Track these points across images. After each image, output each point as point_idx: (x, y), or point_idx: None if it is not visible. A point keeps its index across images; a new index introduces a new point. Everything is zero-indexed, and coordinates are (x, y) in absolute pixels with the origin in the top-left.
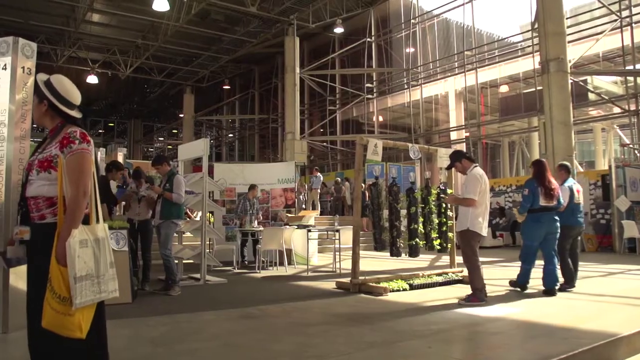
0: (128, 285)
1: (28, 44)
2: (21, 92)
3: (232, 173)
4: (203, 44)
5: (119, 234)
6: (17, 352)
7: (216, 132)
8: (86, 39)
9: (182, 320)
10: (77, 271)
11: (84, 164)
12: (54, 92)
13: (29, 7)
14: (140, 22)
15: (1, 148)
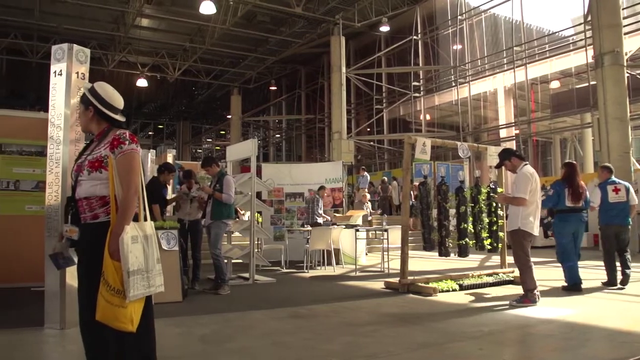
0: (179, 284)
1: (82, 50)
2: (76, 96)
3: (280, 173)
4: (249, 46)
5: (170, 233)
6: (73, 346)
7: (263, 132)
8: (136, 44)
9: (232, 319)
10: (130, 265)
11: (133, 164)
12: (99, 98)
13: (82, 15)
14: (187, 26)
15: (57, 151)
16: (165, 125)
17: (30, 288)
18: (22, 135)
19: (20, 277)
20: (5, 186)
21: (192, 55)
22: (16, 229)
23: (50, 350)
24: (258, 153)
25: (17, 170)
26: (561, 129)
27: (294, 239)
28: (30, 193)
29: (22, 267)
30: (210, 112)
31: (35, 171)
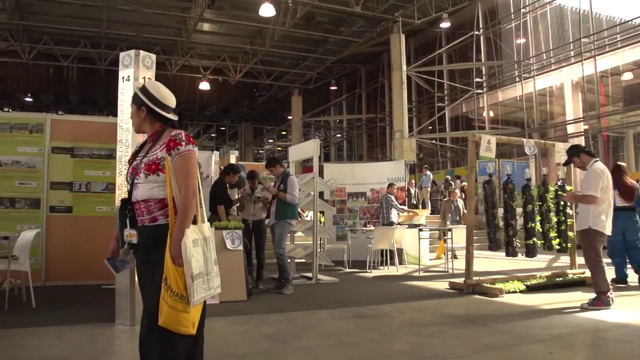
0: (243, 283)
1: (148, 56)
2: None
3: (342, 173)
4: (309, 46)
5: (234, 233)
6: None
7: (324, 132)
8: (197, 48)
9: (296, 318)
10: (193, 270)
11: (190, 165)
12: (151, 97)
13: (146, 22)
14: (247, 29)
15: (126, 153)
16: (227, 127)
17: (101, 286)
18: (93, 139)
19: (91, 275)
20: (77, 188)
21: (252, 57)
22: (88, 228)
23: (122, 345)
24: (319, 153)
25: (88, 172)
26: (634, 123)
27: (356, 238)
28: (101, 194)
29: (94, 265)
30: (271, 113)
31: (105, 173)
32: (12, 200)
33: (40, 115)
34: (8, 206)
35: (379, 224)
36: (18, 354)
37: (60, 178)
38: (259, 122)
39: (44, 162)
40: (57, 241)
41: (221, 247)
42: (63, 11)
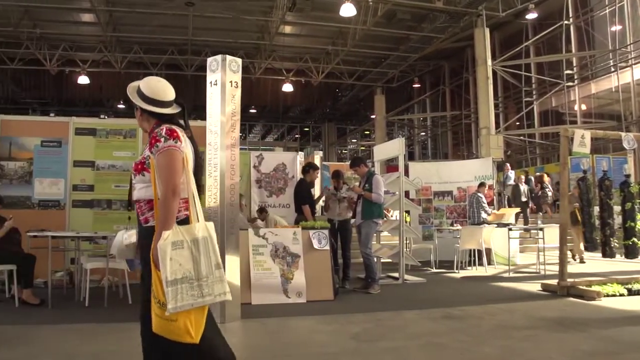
0: (330, 283)
1: (234, 60)
2: (230, 104)
3: (427, 172)
4: (391, 45)
5: (321, 233)
6: (234, 339)
7: (408, 131)
8: (280, 50)
9: (384, 318)
10: (169, 274)
11: (172, 162)
12: (142, 95)
13: (229, 28)
14: (329, 29)
15: (215, 156)
16: (311, 127)
17: None
18: None
19: None
20: None
21: (334, 58)
22: None
23: None
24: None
25: None
26: None
27: (443, 238)
28: None
29: None
30: (354, 112)
31: None
32: (109, 202)
33: (133, 121)
34: (105, 208)
35: (466, 223)
36: (125, 345)
37: None
38: (342, 122)
39: None
40: None
41: (308, 246)
42: (152, 21)
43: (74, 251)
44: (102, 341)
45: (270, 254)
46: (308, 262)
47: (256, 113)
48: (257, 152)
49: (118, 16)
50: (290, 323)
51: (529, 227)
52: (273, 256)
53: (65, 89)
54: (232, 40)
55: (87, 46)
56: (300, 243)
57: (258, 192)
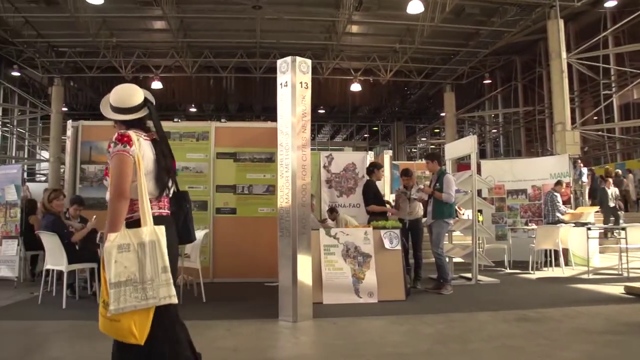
0: (402, 283)
1: (304, 61)
2: (300, 105)
3: (500, 170)
4: (460, 40)
5: (392, 233)
6: (306, 338)
7: (479, 128)
8: (347, 50)
9: (457, 319)
10: (113, 276)
11: (119, 166)
12: (111, 105)
13: (297, 29)
14: (396, 27)
15: (286, 156)
16: (379, 126)
17: (264, 283)
18: (253, 144)
19: (254, 273)
20: (240, 190)
21: (402, 56)
22: (251, 229)
23: (286, 340)
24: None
25: (250, 175)
26: None
27: (517, 238)
28: (262, 196)
29: (256, 264)
30: (423, 111)
31: (265, 176)
32: None
33: (205, 124)
34: None
35: (542, 223)
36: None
37: (225, 181)
38: (411, 120)
39: (210, 167)
40: (222, 241)
41: (379, 246)
42: (221, 26)
43: None
44: None
45: (341, 254)
46: (379, 262)
47: (325, 113)
48: (326, 152)
49: (188, 22)
50: (362, 323)
51: (611, 226)
52: (344, 256)
53: None
54: (299, 41)
55: (160, 52)
56: (372, 243)
57: (328, 192)
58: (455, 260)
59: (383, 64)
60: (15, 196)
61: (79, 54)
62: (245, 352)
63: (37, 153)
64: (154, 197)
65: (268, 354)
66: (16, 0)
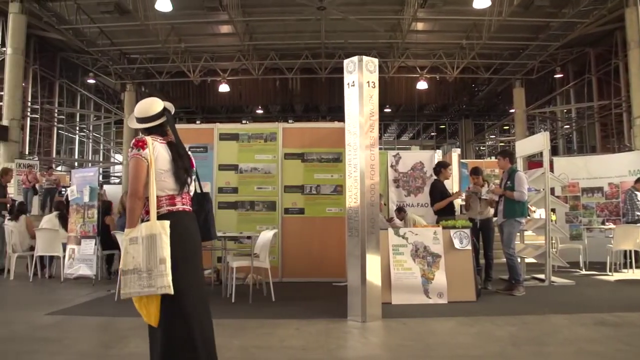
0: (472, 284)
1: (371, 60)
2: (368, 104)
3: (574, 167)
4: (529, 34)
5: (462, 233)
6: (375, 338)
7: (550, 124)
8: (413, 48)
9: (530, 322)
10: (123, 265)
11: (133, 168)
12: (136, 117)
13: (361, 28)
14: (462, 23)
15: (355, 156)
16: (447, 124)
17: (332, 283)
18: (321, 145)
19: (322, 273)
20: (308, 191)
21: (469, 52)
22: (319, 229)
23: (355, 340)
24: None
25: (318, 176)
26: None
27: (593, 237)
28: (330, 196)
29: (324, 264)
30: (492, 107)
31: (333, 176)
32: (252, 204)
33: (273, 125)
34: (249, 209)
35: (620, 222)
36: (271, 341)
37: (293, 182)
38: (479, 117)
39: (278, 168)
40: (291, 241)
41: (449, 246)
42: (286, 28)
43: (221, 250)
44: (249, 336)
45: (410, 254)
46: (449, 262)
47: (391, 112)
48: (394, 151)
49: (254, 25)
50: (431, 324)
51: None
52: (413, 256)
53: (208, 98)
54: (364, 40)
55: (227, 56)
56: (441, 242)
57: (396, 192)
58: (527, 261)
59: (449, 61)
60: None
61: (149, 60)
62: (315, 352)
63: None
64: (176, 193)
65: (337, 354)
66: (91, 12)
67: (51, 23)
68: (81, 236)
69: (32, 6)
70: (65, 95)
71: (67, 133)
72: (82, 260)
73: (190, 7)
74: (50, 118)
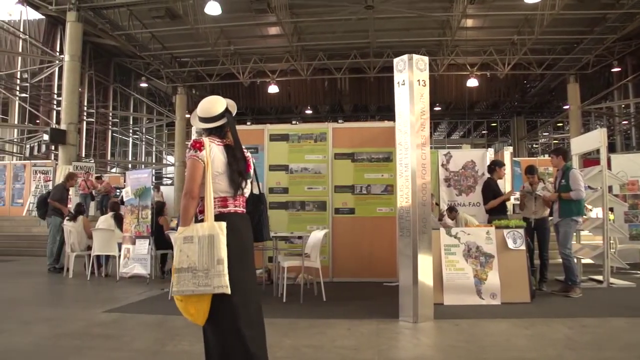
0: (526, 285)
1: (421, 59)
2: (419, 103)
3: (634, 164)
4: (584, 27)
5: (516, 232)
6: (427, 339)
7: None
8: (462, 45)
9: (588, 325)
10: (177, 263)
11: (189, 169)
12: (198, 116)
13: (409, 27)
14: (513, 18)
15: (406, 156)
16: (498, 122)
17: (382, 283)
18: (371, 144)
19: (372, 273)
20: (359, 191)
21: (521, 47)
22: (369, 229)
23: (407, 341)
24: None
25: (368, 175)
26: None
27: None
28: (380, 196)
29: (375, 264)
30: (545, 104)
31: (383, 176)
32: (302, 204)
33: (323, 125)
34: (299, 209)
35: None
36: (322, 341)
37: (343, 182)
38: (532, 114)
39: (328, 168)
40: (341, 240)
41: (502, 246)
42: (334, 28)
43: (272, 250)
44: (300, 336)
45: (462, 254)
46: (502, 262)
47: (441, 110)
48: (444, 150)
49: (302, 26)
50: (485, 325)
51: None
52: (466, 256)
53: (257, 99)
54: (413, 38)
55: (275, 57)
56: (494, 242)
57: (447, 191)
58: (584, 262)
59: (500, 57)
60: (147, 199)
61: (199, 63)
62: (367, 352)
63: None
64: (229, 196)
65: (389, 354)
66: (143, 17)
67: (105, 30)
68: (136, 236)
69: (88, 14)
70: (119, 99)
71: (121, 136)
72: (137, 259)
73: (238, 10)
74: (105, 121)
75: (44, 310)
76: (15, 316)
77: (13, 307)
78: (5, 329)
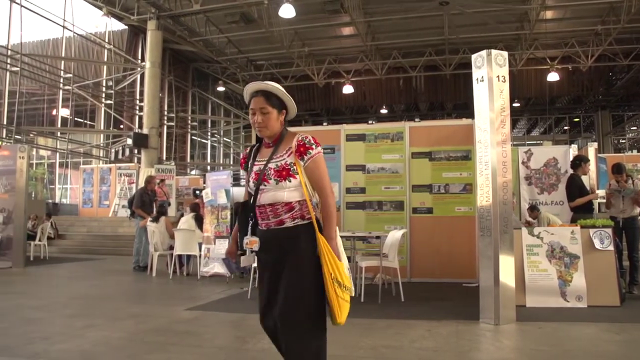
0: (615, 287)
1: (500, 54)
2: (498, 99)
3: None
4: None
5: (603, 232)
6: (509, 342)
7: None
8: (542, 38)
9: None
10: (346, 263)
11: (324, 167)
12: (290, 101)
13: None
14: (596, 8)
15: (486, 154)
16: (581, 117)
17: (462, 284)
18: (448, 143)
19: (451, 273)
20: (436, 190)
21: (605, 38)
22: (447, 228)
23: (488, 343)
24: None
25: (446, 174)
26: None
27: None
28: (459, 195)
29: (453, 264)
30: (632, 97)
31: (462, 174)
32: (380, 203)
33: (399, 124)
34: (376, 209)
35: None
36: (401, 341)
37: (421, 181)
38: (618, 108)
39: (405, 167)
40: (419, 240)
41: (588, 246)
42: (408, 26)
43: (350, 250)
44: (378, 336)
45: (545, 254)
46: (589, 263)
47: (520, 106)
48: (525, 147)
49: (376, 25)
50: (570, 329)
51: None
52: (549, 256)
53: (332, 99)
54: (489, 33)
55: (349, 57)
56: (580, 243)
57: (528, 189)
58: None
59: (583, 49)
60: (226, 199)
61: (274, 66)
62: (447, 354)
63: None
64: None
65: (470, 357)
66: (219, 22)
67: (183, 36)
68: (215, 236)
69: (167, 22)
70: (198, 103)
71: (199, 139)
72: (217, 259)
73: (312, 11)
74: (185, 125)
75: (130, 307)
76: (104, 312)
77: (102, 303)
78: (96, 323)
